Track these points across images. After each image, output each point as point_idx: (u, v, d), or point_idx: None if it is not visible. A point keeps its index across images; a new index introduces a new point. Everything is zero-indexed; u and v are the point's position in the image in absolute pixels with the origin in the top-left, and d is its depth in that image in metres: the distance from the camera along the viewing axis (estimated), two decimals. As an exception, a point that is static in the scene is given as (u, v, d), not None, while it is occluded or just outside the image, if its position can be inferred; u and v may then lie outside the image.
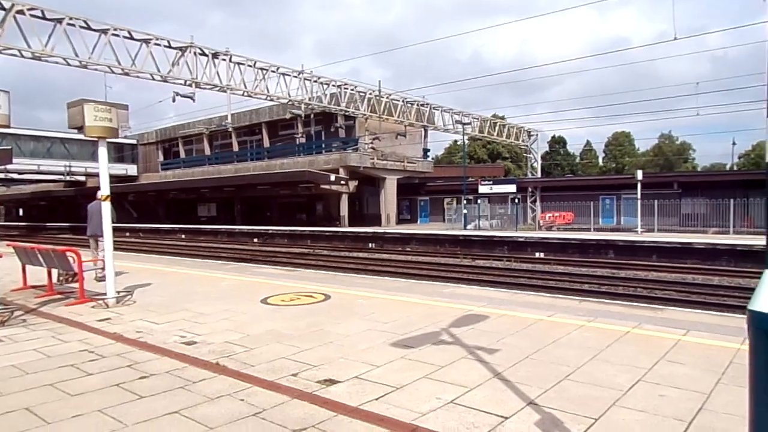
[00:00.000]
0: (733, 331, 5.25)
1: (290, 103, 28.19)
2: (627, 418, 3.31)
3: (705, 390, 3.75)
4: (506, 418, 3.34)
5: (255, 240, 31.19)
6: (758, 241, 17.22)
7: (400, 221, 36.64)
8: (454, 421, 3.31)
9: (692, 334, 5.28)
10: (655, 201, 25.46)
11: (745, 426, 1.96)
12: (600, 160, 78.74)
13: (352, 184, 32.96)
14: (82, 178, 43.96)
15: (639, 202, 24.94)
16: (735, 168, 60.08)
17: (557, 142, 73.93)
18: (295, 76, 27.27)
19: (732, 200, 23.76)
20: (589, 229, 26.60)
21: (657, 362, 4.40)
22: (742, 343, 4.79)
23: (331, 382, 4.08)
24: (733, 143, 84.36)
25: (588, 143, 77.18)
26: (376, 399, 3.71)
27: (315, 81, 28.27)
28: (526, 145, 44.70)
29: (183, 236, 35.82)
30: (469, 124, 36.72)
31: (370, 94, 31.64)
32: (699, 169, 69.37)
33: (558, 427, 3.20)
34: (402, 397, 3.75)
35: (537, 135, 44.33)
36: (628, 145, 76.54)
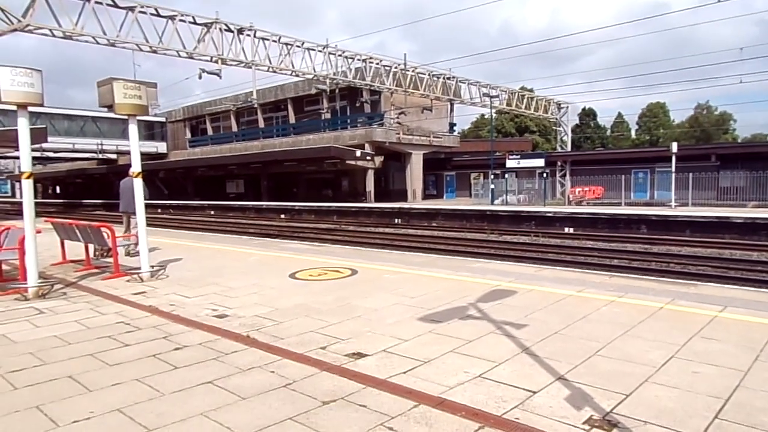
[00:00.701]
0: (772, 308, 5.08)
1: (315, 78, 28.05)
2: (660, 394, 3.26)
3: (742, 367, 3.66)
4: (535, 392, 3.33)
5: (282, 216, 31.55)
6: (800, 215, 16.54)
7: (426, 197, 36.47)
8: (482, 395, 3.32)
9: (729, 310, 5.14)
10: (690, 174, 24.62)
11: (786, 404, 1.90)
12: (633, 132, 76.40)
13: (378, 159, 32.84)
14: (114, 156, 45.04)
15: (673, 175, 24.18)
16: (777, 139, 57.45)
17: (587, 115, 71.90)
18: (320, 51, 27.06)
19: (773, 172, 22.79)
20: (620, 204, 26.00)
21: (691, 338, 4.30)
22: (781, 320, 4.64)
23: (360, 355, 4.13)
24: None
25: (620, 115, 74.92)
26: (404, 372, 3.74)
27: (340, 55, 28.01)
28: (555, 118, 43.64)
29: (212, 212, 36.49)
30: (497, 97, 35.99)
31: (396, 68, 31.20)
32: (739, 140, 66.64)
33: (588, 402, 3.17)
34: (429, 370, 3.77)
35: (567, 107, 43.19)
36: (663, 117, 73.89)
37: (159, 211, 38.46)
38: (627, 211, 20.80)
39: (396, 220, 26.06)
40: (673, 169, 24.27)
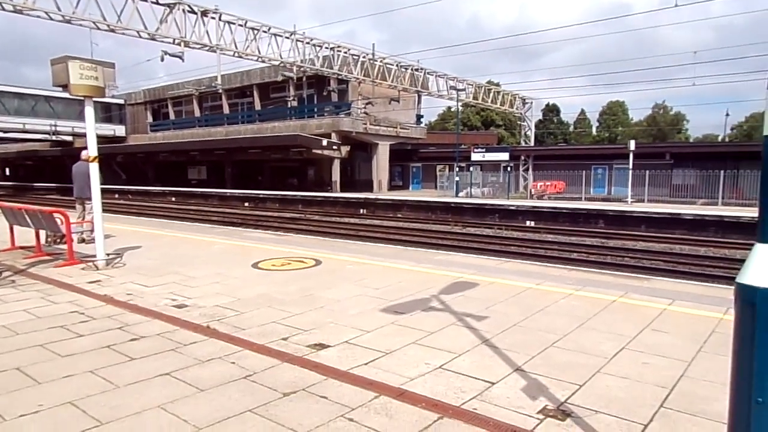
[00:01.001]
0: (716, 302, 5.35)
1: (282, 65, 27.59)
2: (611, 384, 3.39)
3: (687, 358, 3.85)
4: (493, 383, 3.41)
5: (246, 204, 31.07)
6: (745, 212, 17.43)
7: (392, 187, 36.57)
8: (441, 386, 3.38)
9: (677, 303, 5.38)
10: (647, 171, 25.56)
11: (724, 393, 2.01)
12: (593, 129, 78.55)
13: (345, 149, 32.69)
14: (69, 138, 43.24)
15: (630, 172, 25.03)
16: (727, 139, 60.28)
17: (551, 111, 73.49)
18: (287, 38, 26.61)
19: (722, 172, 23.91)
20: (580, 199, 26.75)
21: (642, 331, 4.48)
22: (724, 313, 4.89)
23: (322, 346, 4.13)
24: (727, 114, 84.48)
25: (582, 112, 76.91)
26: (366, 364, 3.76)
27: (307, 43, 27.61)
28: (520, 113, 44.38)
29: (173, 199, 35.59)
30: (464, 90, 36.30)
31: (364, 57, 31.01)
32: (692, 140, 69.52)
33: (543, 392, 3.27)
34: (391, 362, 3.81)
35: (531, 103, 43.96)
36: (622, 115, 76.27)
37: (117, 196, 37.22)
38: (586, 206, 21.43)
39: (361, 211, 26.06)
40: (630, 166, 25.13)
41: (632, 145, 25.63)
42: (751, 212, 17.28)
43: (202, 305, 5.39)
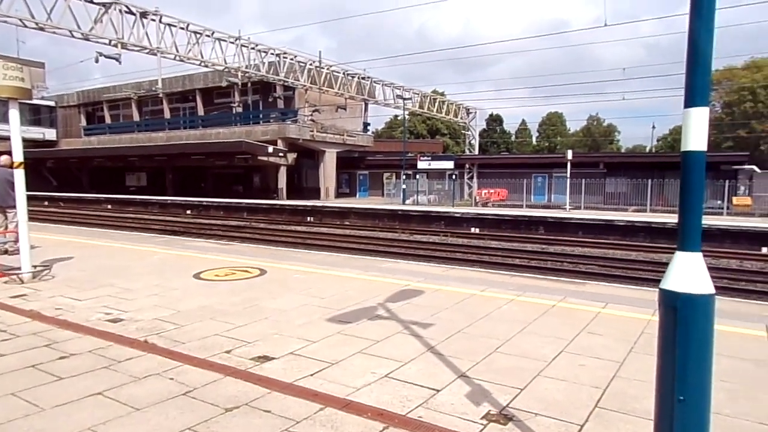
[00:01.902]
0: (646, 304, 5.66)
1: (226, 70, 27.01)
2: (550, 387, 3.51)
3: (619, 359, 4.05)
4: (438, 390, 3.45)
5: (188, 212, 30.06)
6: (671, 219, 18.62)
7: (339, 195, 36.48)
8: (387, 395, 3.38)
9: (610, 306, 5.66)
10: (583, 180, 26.82)
11: (653, 391, 2.13)
12: (534, 139, 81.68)
13: (291, 156, 32.32)
14: (-7, 142, 40.30)
15: (568, 180, 26.17)
16: (653, 150, 64.29)
17: (494, 120, 75.82)
18: (232, 42, 26.09)
19: (650, 181, 25.48)
20: (521, 206, 27.68)
21: (578, 334, 4.68)
22: (653, 315, 5.18)
23: (266, 358, 4.04)
24: (653, 127, 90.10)
25: (523, 122, 79.78)
26: (311, 375, 3.72)
27: (253, 48, 27.18)
28: (465, 122, 45.49)
29: (109, 206, 33.91)
30: (410, 99, 36.81)
31: (311, 64, 30.87)
32: (623, 150, 73.66)
33: (486, 397, 3.34)
34: (337, 372, 3.78)
35: (475, 112, 45.16)
36: (561, 126, 79.80)
37: (46, 204, 35.05)
38: (528, 213, 22.20)
39: (308, 218, 25.82)
40: (568, 174, 26.28)
41: (570, 154, 26.83)
42: (676, 218, 18.46)
43: (139, 319, 5.15)
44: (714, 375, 1.98)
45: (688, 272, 1.84)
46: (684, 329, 1.80)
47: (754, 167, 27.15)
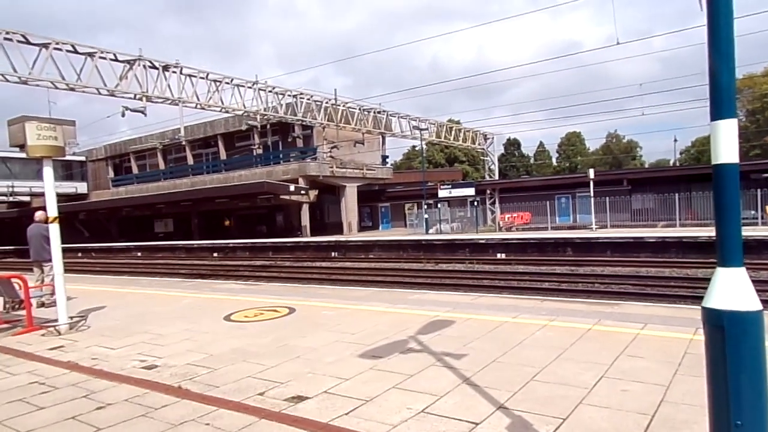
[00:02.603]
0: (685, 322, 5.47)
1: (245, 114, 27.78)
2: (594, 415, 3.38)
3: (664, 382, 3.88)
4: (477, 424, 3.36)
5: (215, 254, 30.47)
6: (702, 232, 18.10)
7: (362, 228, 36.59)
8: (425, 431, 3.30)
9: (649, 327, 5.48)
10: (607, 198, 26.41)
11: (703, 415, 2.03)
12: (554, 160, 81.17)
13: (312, 193, 32.71)
14: (27, 198, 41.89)
15: (592, 199, 25.80)
16: (677, 164, 63.16)
17: (512, 144, 75.75)
18: (250, 87, 26.91)
19: (677, 194, 24.93)
20: (546, 228, 27.31)
21: (617, 357, 4.53)
22: (694, 334, 4.99)
23: (300, 398, 4.00)
24: (675, 140, 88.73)
25: (541, 144, 79.49)
26: (346, 414, 3.66)
27: (270, 91, 27.97)
28: (483, 148, 45.57)
29: (138, 254, 34.63)
30: (426, 129, 37.17)
31: (327, 102, 31.55)
32: (646, 165, 72.54)
33: (528, 429, 3.23)
34: (372, 409, 3.71)
35: (493, 138, 45.28)
36: (580, 145, 79.21)
37: (79, 255, 35.99)
38: (553, 235, 21.87)
39: (333, 254, 25.89)
40: (592, 193, 25.92)
41: (592, 173, 26.52)
42: (707, 231, 17.98)
43: (173, 364, 5.18)
44: None
45: (733, 289, 1.77)
46: (734, 349, 1.72)
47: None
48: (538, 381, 4.08)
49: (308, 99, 30.36)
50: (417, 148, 53.32)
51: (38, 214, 9.50)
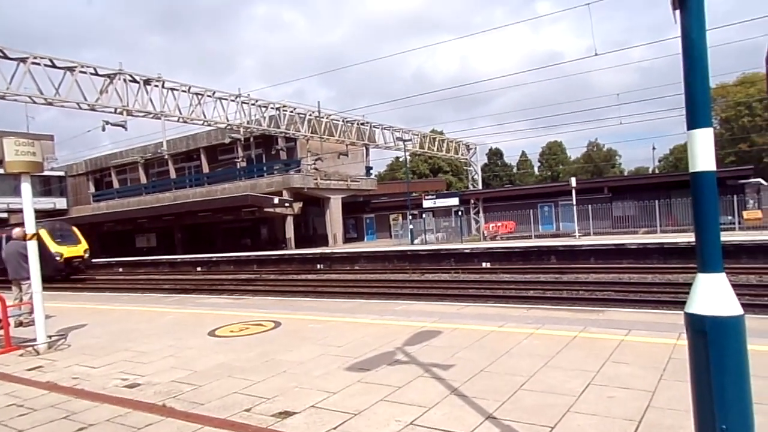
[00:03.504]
0: (668, 328, 5.54)
1: (228, 127, 27.64)
2: (581, 423, 3.39)
3: (650, 388, 3.92)
4: (466, 434, 3.34)
5: (198, 269, 30.09)
6: (682, 238, 18.41)
7: (347, 240, 36.50)
8: (414, 443, 3.28)
9: (633, 333, 5.53)
10: (589, 206, 26.76)
11: (689, 420, 2.05)
12: (536, 169, 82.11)
13: (297, 205, 32.60)
14: (4, 215, 41.03)
15: (575, 207, 26.11)
16: (656, 171, 64.30)
17: (495, 154, 76.53)
18: (233, 100, 26.83)
19: (657, 201, 25.36)
20: (530, 237, 27.53)
21: (604, 364, 4.56)
22: (678, 339, 5.05)
23: (287, 414, 3.95)
24: (653, 148, 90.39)
25: (524, 153, 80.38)
26: (334, 428, 3.62)
27: (253, 104, 27.91)
28: (466, 159, 45.92)
29: (120, 270, 34.04)
30: (410, 140, 37.35)
31: (310, 115, 31.57)
32: (626, 173, 73.79)
33: (517, 438, 3.23)
34: (361, 423, 3.68)
35: (476, 148, 45.68)
36: (561, 154, 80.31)
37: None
38: (537, 244, 22.05)
39: (318, 266, 25.75)
40: (574, 201, 26.24)
41: (573, 182, 26.85)
42: (687, 237, 18.29)
43: (156, 382, 5.08)
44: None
45: (714, 294, 1.80)
46: (717, 354, 1.75)
47: (761, 180, 27.03)
48: (526, 390, 4.09)
49: (291, 111, 30.36)
50: (401, 159, 53.59)
51: (16, 231, 9.31)
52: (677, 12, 1.94)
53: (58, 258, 24.36)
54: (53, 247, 24.40)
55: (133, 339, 7.27)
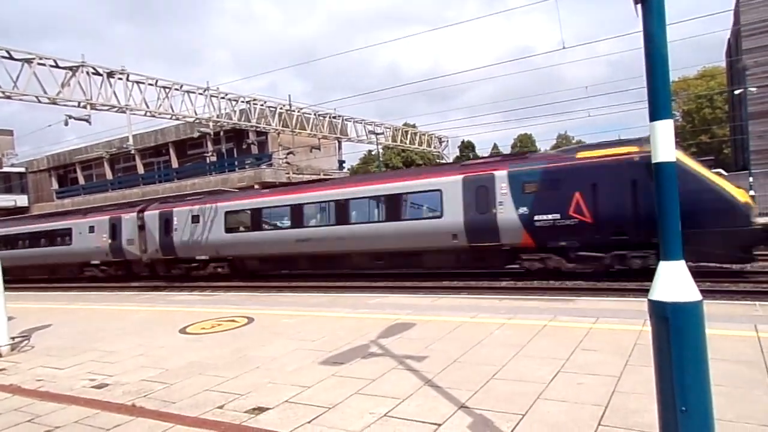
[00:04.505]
0: (635, 315, 5.71)
1: (197, 121, 27.06)
2: (551, 409, 3.47)
3: (616, 373, 4.04)
4: (440, 425, 3.38)
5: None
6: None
7: (321, 234, 36.29)
8: (389, 434, 3.30)
9: (601, 321, 5.69)
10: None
11: (653, 403, 2.12)
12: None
13: (269, 200, 32.22)
14: (-38, 213, 39.41)
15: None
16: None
17: (467, 147, 77.06)
18: (201, 94, 26.21)
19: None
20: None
21: (573, 352, 4.67)
22: (643, 325, 5.21)
23: (261, 410, 3.93)
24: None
25: (495, 146, 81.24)
26: (309, 422, 3.61)
27: (222, 98, 27.35)
28: (438, 152, 46.14)
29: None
30: (382, 134, 37.27)
31: (281, 108, 31.16)
32: (594, 165, 75.37)
33: (489, 427, 3.29)
34: (335, 416, 3.68)
35: (447, 141, 45.91)
36: (531, 146, 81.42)
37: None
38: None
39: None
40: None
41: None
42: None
43: (125, 382, 4.97)
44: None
45: (674, 281, 1.86)
46: (678, 339, 1.81)
47: (721, 170, 27.98)
48: (498, 379, 4.16)
49: (262, 105, 29.89)
50: (374, 153, 53.56)
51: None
52: (638, 6, 1.99)
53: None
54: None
55: (100, 338, 7.10)
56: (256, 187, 31.40)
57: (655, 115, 1.99)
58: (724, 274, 12.45)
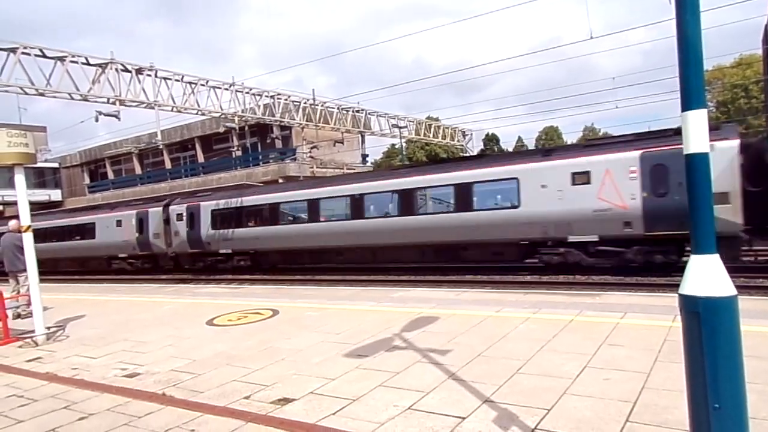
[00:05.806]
0: (664, 310, 5.58)
1: (223, 116, 27.43)
2: (578, 405, 3.43)
3: (645, 369, 3.96)
4: (464, 418, 3.38)
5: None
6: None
7: (344, 228, 36.44)
8: (413, 427, 3.31)
9: (629, 316, 5.58)
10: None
11: (683, 400, 2.08)
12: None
13: (293, 194, 32.48)
14: (-1, 208, 40.84)
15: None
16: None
17: (491, 140, 76.25)
18: (226, 89, 26.55)
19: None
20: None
21: (600, 347, 4.60)
22: (673, 321, 5.10)
23: (286, 400, 3.98)
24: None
25: (519, 139, 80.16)
26: (333, 414, 3.65)
27: (247, 93, 27.66)
28: (462, 145, 45.79)
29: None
30: (405, 127, 37.18)
31: (305, 103, 31.33)
32: (622, 157, 73.68)
33: (514, 421, 3.26)
34: (359, 408, 3.71)
35: (471, 134, 45.52)
36: (557, 139, 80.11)
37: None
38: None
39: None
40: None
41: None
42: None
43: (156, 371, 5.10)
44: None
45: (707, 275, 1.81)
46: (710, 334, 1.77)
47: None
48: (523, 373, 4.12)
49: (286, 99, 30.11)
50: (397, 146, 53.44)
51: (12, 224, 9.26)
52: (671, -7, 1.93)
53: None
54: None
55: (131, 329, 7.28)
56: (281, 181, 31.71)
57: (687, 104, 1.93)
58: (759, 269, 12.08)
